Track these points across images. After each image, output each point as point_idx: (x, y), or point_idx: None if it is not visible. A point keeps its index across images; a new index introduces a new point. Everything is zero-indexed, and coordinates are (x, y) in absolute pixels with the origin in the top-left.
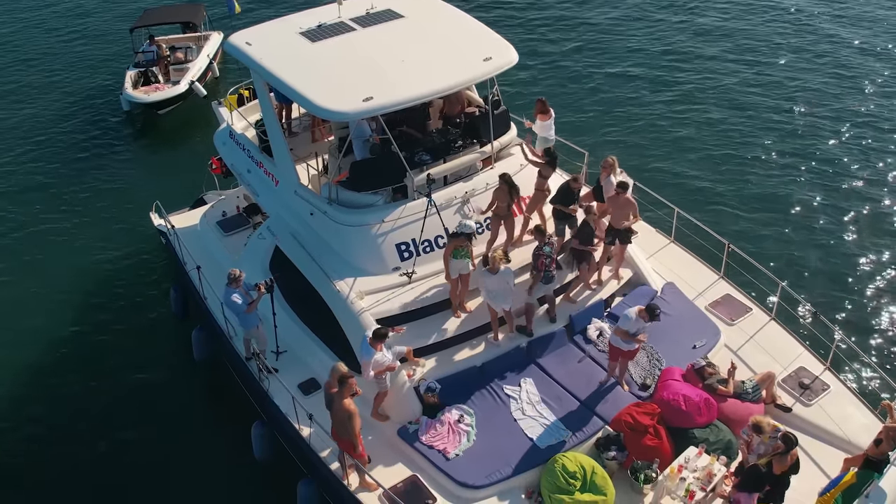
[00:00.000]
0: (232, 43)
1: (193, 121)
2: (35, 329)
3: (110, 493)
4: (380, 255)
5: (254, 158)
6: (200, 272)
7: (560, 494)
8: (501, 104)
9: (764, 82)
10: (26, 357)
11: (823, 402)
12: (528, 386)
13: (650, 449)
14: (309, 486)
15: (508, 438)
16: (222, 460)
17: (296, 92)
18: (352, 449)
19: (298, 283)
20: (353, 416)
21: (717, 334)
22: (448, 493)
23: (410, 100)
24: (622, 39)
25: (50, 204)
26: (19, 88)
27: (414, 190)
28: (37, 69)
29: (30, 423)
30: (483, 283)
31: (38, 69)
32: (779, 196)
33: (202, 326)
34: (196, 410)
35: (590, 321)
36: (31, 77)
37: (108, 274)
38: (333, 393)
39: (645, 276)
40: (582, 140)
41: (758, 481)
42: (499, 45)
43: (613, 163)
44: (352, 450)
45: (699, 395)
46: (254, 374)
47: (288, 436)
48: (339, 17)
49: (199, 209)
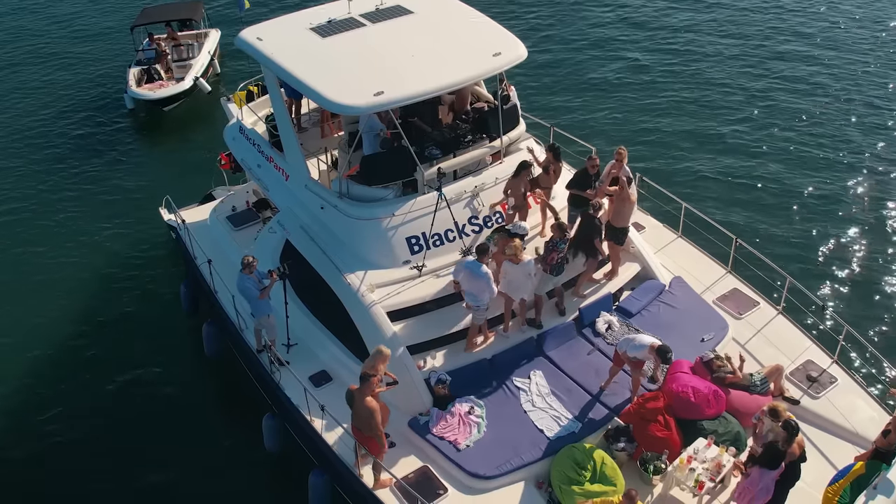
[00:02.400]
0: (243, 38)
1: (197, 117)
2: (43, 326)
3: (123, 486)
4: (390, 248)
5: (264, 153)
6: (212, 266)
7: (570, 485)
8: (510, 99)
9: (773, 76)
10: (36, 353)
11: (831, 394)
12: (537, 378)
13: (659, 440)
14: (320, 477)
15: (519, 430)
16: (233, 452)
17: (307, 86)
18: (373, 444)
19: (309, 277)
20: (375, 412)
21: (724, 328)
22: (459, 483)
23: (421, 94)
24: (630, 33)
25: (57, 202)
26: (20, 90)
27: (424, 184)
28: (38, 70)
29: (40, 418)
30: (505, 272)
31: (39, 70)
32: (786, 191)
33: (212, 321)
34: (207, 404)
35: (598, 314)
36: (33, 78)
37: (116, 270)
38: (354, 390)
39: (653, 271)
40: (586, 134)
41: (774, 458)
42: (508, 41)
43: (624, 154)
44: (373, 445)
45: (708, 387)
46: (265, 366)
47: (299, 427)
48: (349, 12)
49: (208, 204)
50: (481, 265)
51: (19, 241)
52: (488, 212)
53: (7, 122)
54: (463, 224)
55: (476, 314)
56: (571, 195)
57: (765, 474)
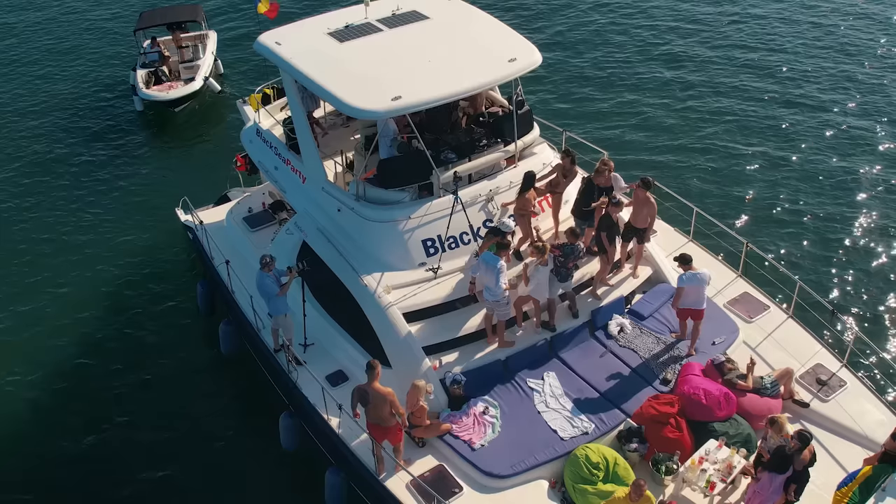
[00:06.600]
0: (262, 42)
1: (206, 118)
2: (60, 326)
3: (138, 483)
4: (406, 250)
5: (281, 156)
6: (229, 266)
7: (583, 484)
8: (525, 104)
9: (788, 83)
10: (53, 353)
11: (840, 398)
12: (550, 379)
13: (671, 441)
14: (336, 475)
15: (532, 430)
16: (249, 451)
17: (326, 91)
18: (393, 433)
19: (325, 278)
20: (388, 394)
21: (735, 331)
22: (474, 482)
23: (437, 99)
24: (642, 39)
25: (72, 204)
26: (22, 93)
27: (440, 187)
28: (40, 73)
29: (57, 418)
30: (537, 275)
31: (41, 73)
32: (796, 195)
33: (229, 320)
34: (224, 403)
35: (611, 317)
36: (37, 82)
37: (132, 270)
38: (362, 385)
39: (665, 274)
40: (598, 138)
41: (783, 462)
42: (523, 47)
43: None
44: (393, 434)
45: (719, 389)
46: (282, 365)
47: (316, 426)
48: (366, 17)
49: (224, 206)
50: (498, 259)
51: (37, 244)
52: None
53: (19, 129)
54: (478, 227)
55: (498, 311)
56: (577, 207)
57: (774, 478)
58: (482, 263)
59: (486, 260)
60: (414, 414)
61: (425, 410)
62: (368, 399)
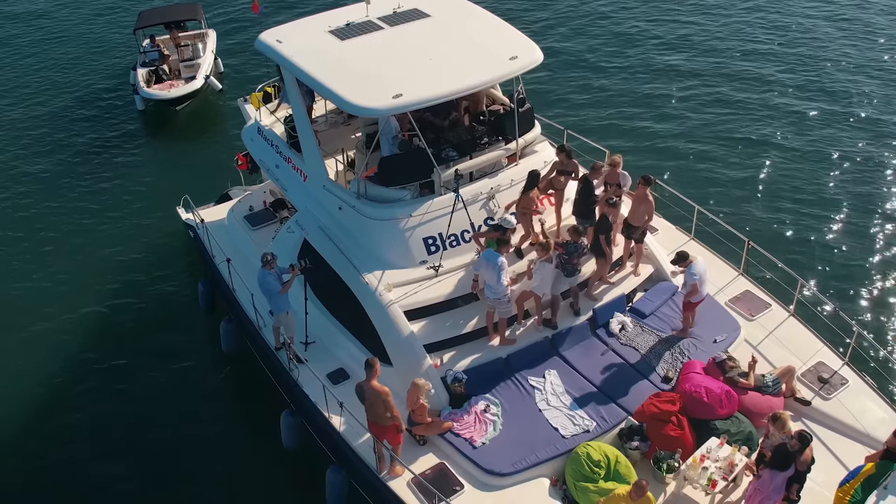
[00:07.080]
0: (263, 41)
1: (207, 116)
2: (61, 324)
3: (139, 481)
4: (407, 248)
5: (282, 154)
6: (230, 264)
7: (584, 482)
8: (526, 102)
9: (789, 81)
10: (54, 351)
11: (842, 396)
12: (552, 377)
13: (672, 439)
14: (337, 473)
15: (534, 428)
16: (250, 449)
17: (327, 88)
18: (391, 433)
19: (327, 276)
20: (384, 394)
21: (737, 329)
22: (475, 480)
23: (439, 97)
24: (643, 35)
25: (73, 202)
26: (23, 92)
27: (441, 185)
28: (42, 73)
29: (59, 415)
30: (541, 271)
31: (43, 73)
32: (798, 193)
33: (230, 318)
34: (224, 401)
35: (612, 315)
36: (40, 82)
37: (133, 268)
38: (362, 382)
39: (666, 272)
40: (600, 136)
41: (784, 459)
42: (524, 45)
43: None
44: (391, 434)
45: (720, 387)
46: (283, 363)
47: (318, 424)
48: (367, 15)
49: (225, 204)
50: (498, 255)
51: (38, 242)
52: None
53: (19, 127)
54: (479, 225)
55: (499, 309)
56: (576, 206)
57: (775, 475)
58: (483, 261)
59: (487, 257)
60: (415, 412)
61: (426, 408)
62: (365, 396)
